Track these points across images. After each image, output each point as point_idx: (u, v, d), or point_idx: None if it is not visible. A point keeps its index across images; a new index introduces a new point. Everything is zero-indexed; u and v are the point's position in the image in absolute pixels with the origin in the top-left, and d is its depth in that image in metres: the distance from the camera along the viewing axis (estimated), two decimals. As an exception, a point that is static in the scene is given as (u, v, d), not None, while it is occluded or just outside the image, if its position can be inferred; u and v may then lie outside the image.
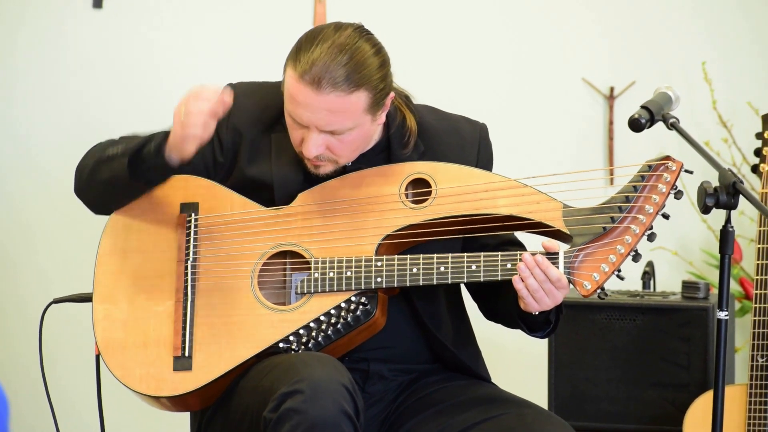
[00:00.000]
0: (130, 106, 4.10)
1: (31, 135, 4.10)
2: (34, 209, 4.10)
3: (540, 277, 2.46)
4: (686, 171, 2.50)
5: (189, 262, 2.59)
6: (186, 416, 2.72)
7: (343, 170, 2.62)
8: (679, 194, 2.50)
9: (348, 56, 2.46)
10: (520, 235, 2.66)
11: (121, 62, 4.10)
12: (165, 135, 2.53)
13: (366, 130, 2.55)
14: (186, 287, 2.58)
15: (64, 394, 3.94)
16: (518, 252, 2.50)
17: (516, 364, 4.03)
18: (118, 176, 2.55)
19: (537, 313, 2.51)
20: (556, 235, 2.52)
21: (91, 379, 2.72)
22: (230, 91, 2.52)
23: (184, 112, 2.49)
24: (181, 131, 2.49)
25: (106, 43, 4.09)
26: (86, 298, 2.70)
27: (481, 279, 2.50)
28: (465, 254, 2.51)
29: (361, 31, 2.52)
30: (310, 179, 2.62)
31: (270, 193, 2.62)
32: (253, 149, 2.65)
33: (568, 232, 2.49)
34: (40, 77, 4.09)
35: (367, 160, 2.64)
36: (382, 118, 2.59)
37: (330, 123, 2.49)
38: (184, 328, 2.56)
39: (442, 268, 2.51)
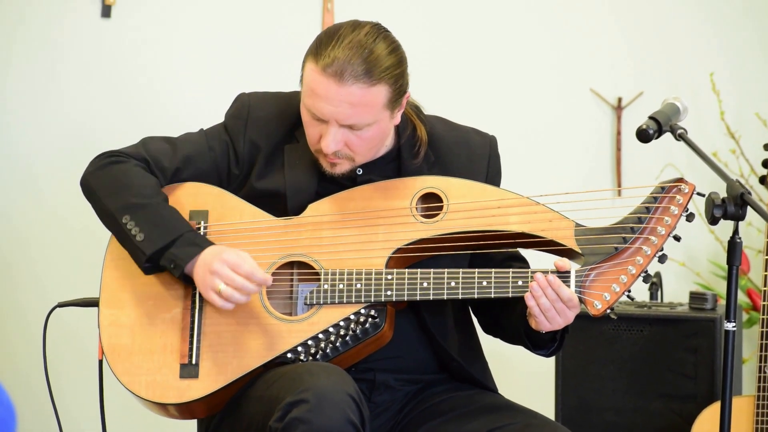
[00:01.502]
0: (139, 114, 4.10)
1: (38, 139, 4.10)
2: (37, 213, 4.10)
3: (552, 297, 2.45)
4: (698, 194, 2.50)
5: (197, 269, 2.59)
6: (191, 423, 2.72)
7: (354, 182, 2.63)
8: (690, 217, 2.49)
9: (368, 51, 2.48)
10: (530, 252, 2.65)
11: (129, 71, 4.11)
12: (192, 252, 2.50)
13: (384, 127, 2.56)
14: (194, 294, 2.57)
15: (68, 397, 3.94)
16: (529, 270, 2.50)
17: (523, 373, 4.03)
18: (130, 252, 2.56)
19: (545, 331, 2.52)
20: (568, 253, 2.52)
21: (95, 383, 2.71)
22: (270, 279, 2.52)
23: (231, 285, 2.47)
24: (207, 293, 2.49)
25: (114, 53, 4.10)
26: (91, 303, 2.70)
27: (492, 295, 2.49)
28: (476, 270, 2.51)
29: (378, 29, 2.54)
30: (323, 188, 2.63)
31: (282, 202, 2.63)
32: (268, 162, 2.66)
33: (580, 251, 2.49)
34: (49, 85, 4.10)
35: (377, 169, 2.64)
36: (398, 118, 2.60)
37: (351, 116, 2.50)
38: (192, 336, 2.55)
39: (453, 284, 2.51)
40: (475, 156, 2.69)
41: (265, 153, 2.66)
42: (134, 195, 2.56)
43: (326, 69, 2.47)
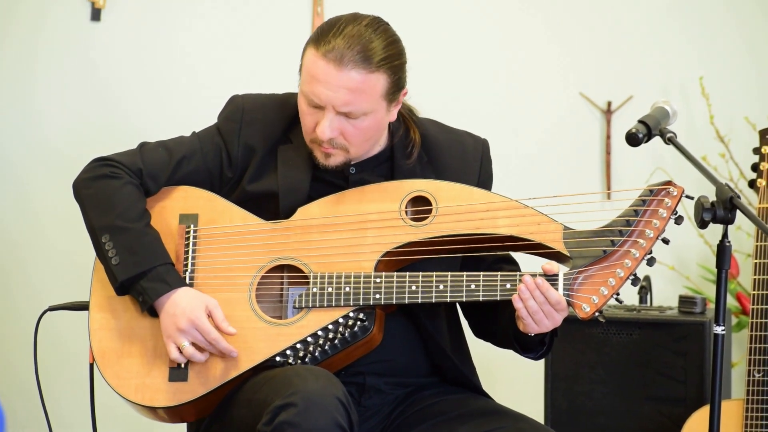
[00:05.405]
0: (128, 117, 4.10)
1: (28, 143, 4.10)
2: (27, 217, 4.10)
3: (540, 299, 2.45)
4: (687, 196, 2.49)
5: (187, 273, 2.59)
6: (181, 426, 2.72)
7: (346, 181, 2.63)
8: (679, 219, 2.49)
9: (368, 40, 2.50)
10: (519, 255, 2.65)
11: (118, 74, 4.11)
12: (161, 290, 2.52)
13: (380, 119, 2.57)
14: (183, 298, 2.57)
15: (58, 401, 3.94)
16: (517, 273, 2.50)
17: (513, 377, 4.03)
18: (106, 271, 2.57)
19: (533, 334, 2.52)
20: (556, 256, 2.52)
21: (86, 386, 2.71)
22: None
23: (196, 346, 2.51)
24: (168, 344, 2.51)
25: (104, 56, 4.10)
26: (82, 306, 2.70)
27: (480, 298, 2.49)
28: (464, 273, 2.51)
29: (379, 22, 2.56)
30: (315, 189, 2.63)
31: (275, 202, 2.63)
32: (262, 163, 2.66)
33: (569, 254, 2.49)
34: (38, 88, 4.10)
35: (370, 168, 2.65)
36: (394, 114, 2.60)
37: (348, 102, 2.50)
38: (181, 339, 2.55)
39: (441, 287, 2.51)
40: (467, 158, 2.69)
41: (260, 155, 2.66)
42: (118, 216, 2.56)
43: (327, 54, 2.49)
